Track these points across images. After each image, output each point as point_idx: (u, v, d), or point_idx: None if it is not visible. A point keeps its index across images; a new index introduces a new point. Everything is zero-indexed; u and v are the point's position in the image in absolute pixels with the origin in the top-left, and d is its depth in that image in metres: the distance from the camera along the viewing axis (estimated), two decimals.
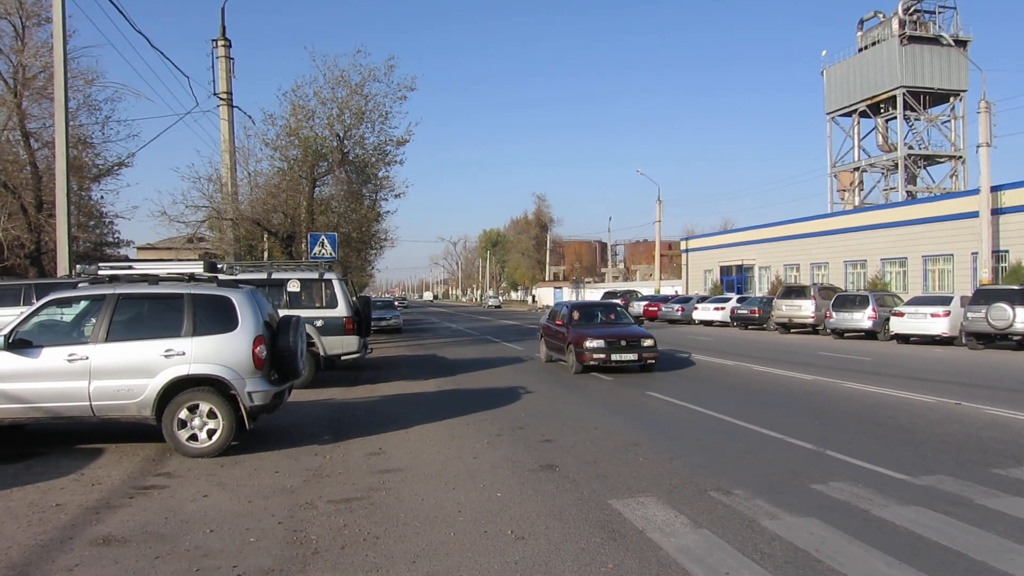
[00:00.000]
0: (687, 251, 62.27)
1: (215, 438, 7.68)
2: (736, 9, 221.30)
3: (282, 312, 9.84)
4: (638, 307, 45.31)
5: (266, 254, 26.13)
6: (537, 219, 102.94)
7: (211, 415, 7.69)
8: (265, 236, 24.83)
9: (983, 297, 21.72)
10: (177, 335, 7.74)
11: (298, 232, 23.12)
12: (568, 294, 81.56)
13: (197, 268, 8.65)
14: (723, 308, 37.00)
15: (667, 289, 57.22)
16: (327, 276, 14.70)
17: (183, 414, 7.66)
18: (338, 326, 14.36)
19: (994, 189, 31.43)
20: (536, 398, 12.02)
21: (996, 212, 31.77)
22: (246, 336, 7.81)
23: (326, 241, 19.99)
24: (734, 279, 52.91)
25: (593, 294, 73.66)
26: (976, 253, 31.81)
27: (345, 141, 22.81)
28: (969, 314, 21.66)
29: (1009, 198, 32.49)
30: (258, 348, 7.84)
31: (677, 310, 40.26)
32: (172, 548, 4.94)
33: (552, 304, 79.81)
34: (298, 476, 6.91)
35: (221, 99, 21.61)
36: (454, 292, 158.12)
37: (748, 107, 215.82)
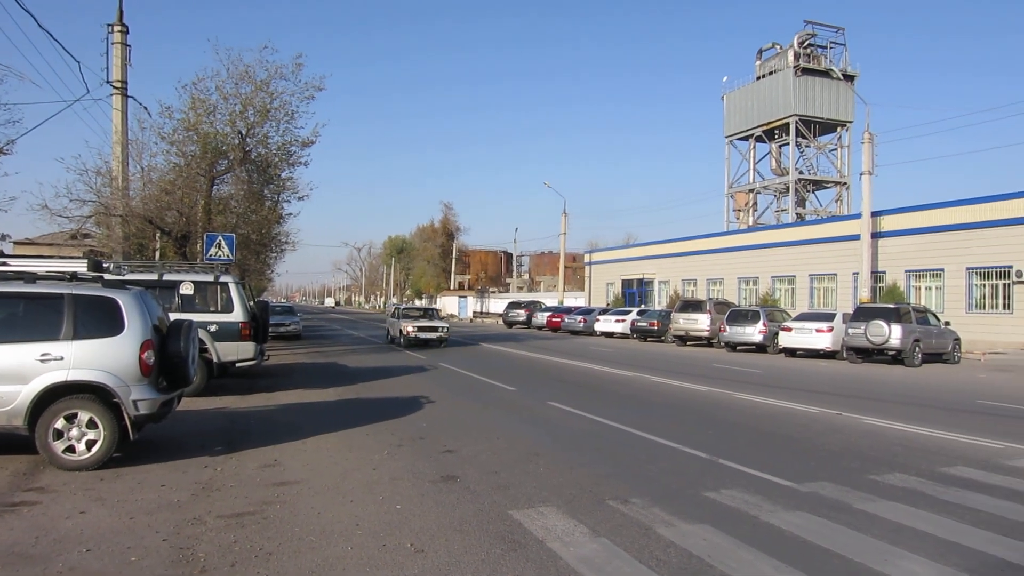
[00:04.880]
0: (590, 264, 63.55)
1: (95, 450, 7.19)
2: (649, 23, 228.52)
3: (174, 316, 9.39)
4: (541, 318, 45.89)
5: (158, 254, 24.90)
6: (444, 227, 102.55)
7: (91, 425, 7.20)
8: (157, 235, 23.65)
9: (862, 314, 23.15)
10: (55, 338, 7.22)
11: (193, 232, 22.13)
12: (473, 303, 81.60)
13: (80, 267, 8.10)
14: (624, 320, 37.92)
15: (570, 301, 58.17)
16: (223, 279, 14.14)
17: (59, 424, 7.14)
18: (234, 331, 13.84)
19: (874, 214, 33.64)
20: (438, 407, 11.93)
21: (876, 236, 34.01)
22: (132, 340, 7.39)
23: (223, 242, 19.23)
24: (635, 292, 54.35)
25: (498, 304, 73.98)
26: (857, 273, 33.91)
27: (247, 139, 22.05)
28: (850, 330, 23.03)
29: (887, 223, 34.90)
30: (145, 353, 7.42)
31: (579, 321, 40.99)
32: (43, 570, 4.58)
33: (456, 313, 79.47)
34: (186, 490, 6.57)
35: (115, 88, 20.49)
36: (357, 299, 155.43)
37: (653, 125, 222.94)
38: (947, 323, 24.54)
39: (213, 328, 13.60)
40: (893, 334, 21.61)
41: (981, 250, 30.77)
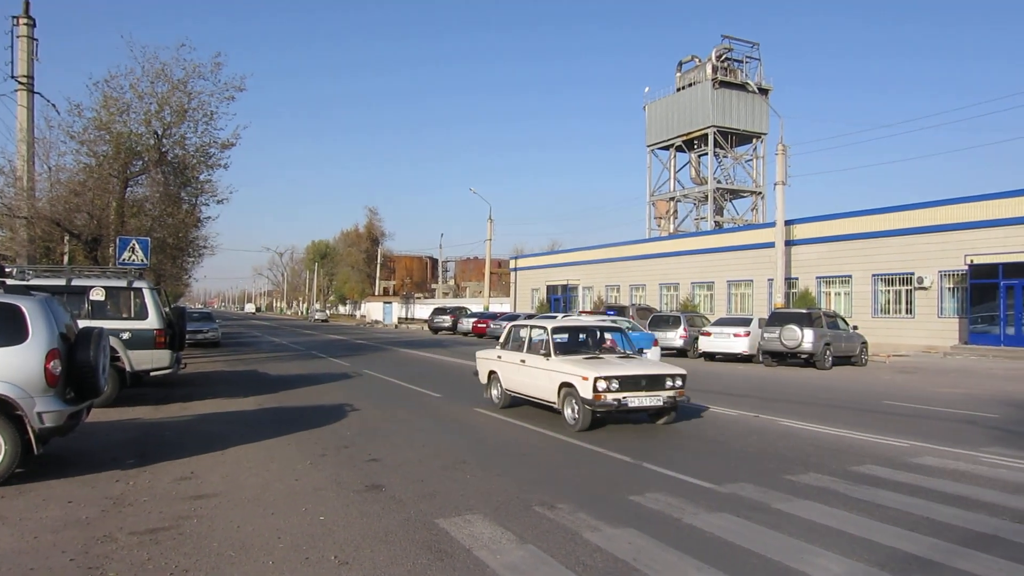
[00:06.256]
0: (516, 270, 63.89)
1: None
2: (573, 37, 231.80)
3: (83, 323, 8.95)
4: (467, 323, 45.81)
5: (66, 258, 23.69)
6: (368, 232, 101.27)
7: None
8: (66, 238, 22.50)
9: (777, 319, 23.99)
10: None
11: (105, 235, 21.17)
12: (398, 309, 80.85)
13: None
14: None
15: (496, 307, 58.32)
16: (137, 284, 13.57)
17: None
18: (148, 339, 13.29)
19: (788, 223, 35.02)
20: (362, 415, 11.75)
21: (789, 243, 35.39)
22: (37, 349, 7.00)
23: (137, 246, 18.49)
24: (560, 298, 54.88)
25: (424, 310, 73.48)
26: (772, 279, 35.19)
27: (164, 140, 21.26)
28: (765, 335, 23.81)
29: (800, 231, 36.38)
30: (51, 363, 7.04)
31: (505, 327, 41.05)
32: None
33: (381, 319, 78.11)
34: (95, 506, 6.25)
35: (20, 83, 19.47)
36: (279, 305, 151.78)
37: (578, 133, 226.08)
38: (855, 327, 25.66)
39: (126, 335, 13.04)
40: (806, 338, 22.46)
41: (885, 258, 32.45)
